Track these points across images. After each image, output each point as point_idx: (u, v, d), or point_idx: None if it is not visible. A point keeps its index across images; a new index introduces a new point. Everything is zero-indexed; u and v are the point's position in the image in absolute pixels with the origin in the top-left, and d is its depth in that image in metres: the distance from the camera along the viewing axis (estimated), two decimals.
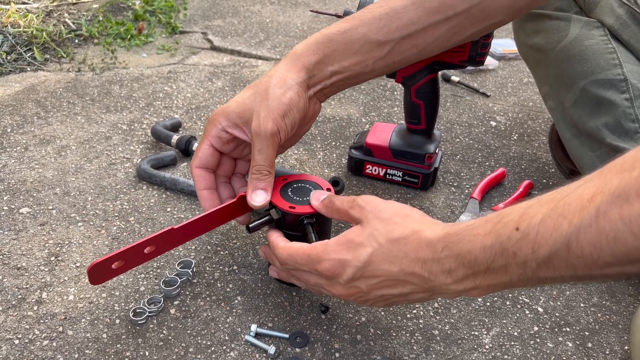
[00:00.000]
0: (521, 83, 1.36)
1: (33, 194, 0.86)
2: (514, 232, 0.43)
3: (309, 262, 0.58)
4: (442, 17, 0.65)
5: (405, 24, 0.65)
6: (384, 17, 0.65)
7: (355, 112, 1.17)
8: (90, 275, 0.59)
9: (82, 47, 1.36)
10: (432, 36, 0.66)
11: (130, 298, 0.69)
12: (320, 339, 0.66)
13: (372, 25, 0.65)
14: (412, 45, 0.67)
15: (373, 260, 0.53)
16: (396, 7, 0.65)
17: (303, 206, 0.65)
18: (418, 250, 0.51)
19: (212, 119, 0.66)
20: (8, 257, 0.74)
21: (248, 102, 0.64)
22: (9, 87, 1.15)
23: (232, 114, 0.65)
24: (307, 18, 1.65)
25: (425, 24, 0.65)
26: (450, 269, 0.49)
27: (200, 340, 0.65)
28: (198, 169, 0.68)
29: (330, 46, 0.65)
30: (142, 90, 1.18)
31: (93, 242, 0.78)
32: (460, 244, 0.48)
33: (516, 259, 0.44)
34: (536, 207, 0.43)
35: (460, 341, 0.68)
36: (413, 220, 0.54)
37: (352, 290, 0.56)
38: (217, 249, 0.78)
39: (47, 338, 0.64)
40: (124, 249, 0.60)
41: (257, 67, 1.33)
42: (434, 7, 0.65)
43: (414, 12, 0.65)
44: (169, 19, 1.53)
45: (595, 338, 0.70)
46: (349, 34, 0.65)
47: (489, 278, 0.47)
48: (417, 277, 0.52)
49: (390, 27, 0.65)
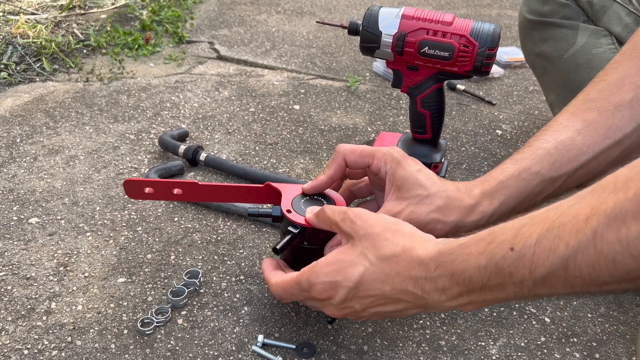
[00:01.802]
0: (527, 91, 1.36)
1: (42, 204, 0.86)
2: (509, 252, 0.43)
3: (302, 291, 0.58)
4: (612, 141, 0.62)
5: (575, 155, 0.62)
6: (554, 151, 0.63)
7: (361, 121, 1.17)
8: (125, 188, 0.67)
9: (90, 57, 1.38)
10: (603, 162, 0.63)
11: (138, 308, 0.70)
12: (327, 349, 0.66)
13: (545, 161, 0.63)
14: (583, 174, 0.64)
15: (365, 279, 0.53)
16: (563, 139, 0.63)
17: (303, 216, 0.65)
18: (410, 269, 0.51)
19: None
20: (17, 267, 0.75)
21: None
22: (18, 98, 1.16)
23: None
24: (312, 27, 1.66)
25: (596, 151, 0.62)
26: (445, 287, 0.49)
27: (207, 351, 0.65)
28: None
29: (505, 193, 0.63)
30: (150, 100, 1.19)
31: (101, 252, 0.78)
32: (454, 263, 0.48)
33: (513, 279, 0.44)
34: (530, 227, 0.43)
35: (467, 352, 0.68)
36: (403, 236, 0.53)
37: (346, 310, 0.56)
38: (224, 258, 0.79)
39: (56, 348, 0.64)
40: (156, 180, 0.68)
41: (263, 76, 1.34)
42: (601, 133, 0.62)
43: (582, 141, 0.62)
44: (176, 29, 1.54)
45: (602, 349, 0.70)
46: (522, 176, 0.63)
47: (484, 295, 0.47)
48: (410, 295, 0.52)
49: (562, 160, 0.62)
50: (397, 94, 1.29)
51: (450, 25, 0.80)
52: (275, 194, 0.69)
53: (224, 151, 1.03)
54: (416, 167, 0.65)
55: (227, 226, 0.85)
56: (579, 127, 0.63)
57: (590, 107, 0.64)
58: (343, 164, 0.67)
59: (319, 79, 1.35)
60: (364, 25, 0.84)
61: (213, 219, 0.86)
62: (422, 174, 0.64)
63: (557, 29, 0.88)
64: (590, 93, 0.66)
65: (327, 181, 0.68)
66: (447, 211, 0.62)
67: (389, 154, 0.65)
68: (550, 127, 0.65)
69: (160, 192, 0.69)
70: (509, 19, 1.85)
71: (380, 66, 1.38)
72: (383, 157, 0.65)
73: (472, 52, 0.80)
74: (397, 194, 0.64)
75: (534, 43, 0.94)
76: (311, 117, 1.17)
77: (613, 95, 0.63)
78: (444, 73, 0.84)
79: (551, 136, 0.64)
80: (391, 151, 0.66)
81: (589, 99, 0.65)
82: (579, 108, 0.65)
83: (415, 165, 0.65)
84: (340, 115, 1.19)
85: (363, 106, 1.23)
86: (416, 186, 0.63)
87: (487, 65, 0.80)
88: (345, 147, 0.67)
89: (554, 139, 0.63)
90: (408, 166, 0.64)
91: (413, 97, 0.88)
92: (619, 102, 0.62)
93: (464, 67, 0.82)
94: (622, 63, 0.64)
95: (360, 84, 1.33)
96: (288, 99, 1.24)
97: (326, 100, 1.24)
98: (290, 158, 1.03)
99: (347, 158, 0.67)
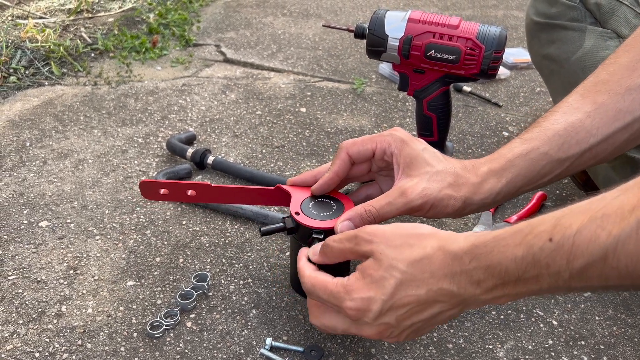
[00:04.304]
0: (533, 93, 1.36)
1: (52, 208, 0.87)
2: (547, 242, 0.43)
3: (331, 299, 0.56)
4: (621, 124, 0.62)
5: (584, 137, 0.63)
6: (563, 132, 0.63)
7: (367, 123, 1.17)
8: (141, 188, 0.70)
9: (98, 60, 1.39)
10: (612, 145, 0.64)
11: (147, 311, 0.71)
12: (335, 352, 0.67)
13: (553, 142, 0.63)
14: (591, 157, 0.64)
15: (398, 290, 0.51)
16: (573, 121, 0.63)
17: (317, 221, 0.65)
18: (444, 267, 0.50)
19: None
20: (28, 270, 0.76)
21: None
22: (27, 102, 1.17)
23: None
24: (318, 30, 1.67)
25: (605, 134, 0.63)
26: (480, 280, 0.48)
27: (216, 354, 0.66)
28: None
29: (513, 172, 0.63)
30: (157, 104, 1.20)
31: (110, 255, 0.79)
32: (490, 256, 0.47)
33: (549, 270, 0.43)
34: (570, 218, 0.42)
35: (474, 355, 0.68)
36: (427, 237, 0.53)
37: (381, 327, 0.54)
38: (232, 262, 0.79)
39: (66, 351, 0.65)
40: (171, 181, 0.70)
41: (270, 79, 1.35)
42: (610, 116, 0.62)
43: (591, 124, 0.62)
44: (182, 32, 1.55)
45: (610, 352, 0.69)
46: (531, 156, 0.63)
47: (519, 287, 0.46)
48: (445, 294, 0.50)
49: (570, 142, 0.63)
50: (403, 96, 1.29)
51: (457, 28, 0.81)
52: (286, 196, 0.70)
53: (231, 154, 1.04)
54: (421, 145, 0.65)
55: (235, 229, 0.85)
56: (589, 109, 0.63)
57: (600, 89, 0.64)
58: (347, 159, 0.67)
59: (325, 82, 1.35)
60: (370, 29, 0.84)
61: (221, 222, 0.87)
62: (427, 152, 0.65)
63: (565, 31, 0.88)
64: (601, 75, 0.66)
65: (334, 177, 0.68)
66: (457, 187, 0.63)
67: (391, 135, 0.66)
68: (560, 108, 0.65)
69: (175, 194, 0.71)
70: (515, 19, 1.85)
71: (387, 68, 1.39)
72: (386, 139, 0.66)
73: (479, 55, 0.80)
74: (407, 171, 0.64)
75: (541, 45, 0.94)
76: (317, 119, 1.17)
77: (624, 79, 0.63)
78: (451, 76, 0.85)
79: (561, 117, 0.64)
80: (394, 132, 0.66)
81: (599, 81, 0.65)
82: (589, 90, 0.65)
83: (420, 143, 0.65)
84: (347, 117, 1.19)
85: (369, 108, 1.23)
86: (423, 164, 0.63)
87: (493, 68, 0.81)
88: (347, 141, 0.67)
89: (563, 120, 0.63)
90: (413, 144, 0.65)
91: (419, 100, 0.88)
92: (630, 86, 0.62)
93: (470, 70, 0.82)
94: (634, 46, 0.64)
95: (367, 86, 1.33)
96: (294, 101, 1.24)
97: (332, 103, 1.25)
98: (297, 161, 1.03)
99: (350, 151, 0.67)
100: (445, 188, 0.62)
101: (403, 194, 0.62)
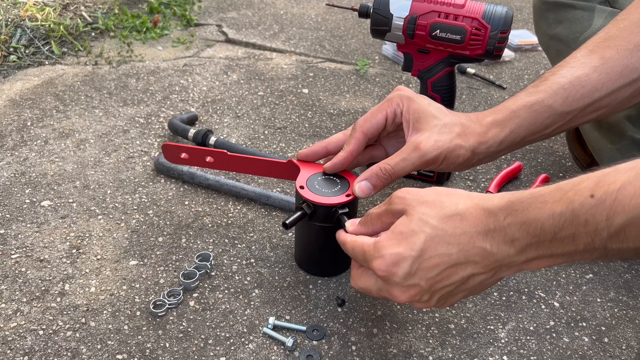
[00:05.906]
0: (538, 75, 1.35)
1: (54, 187, 0.87)
2: (588, 198, 0.41)
3: (364, 259, 0.55)
4: (626, 80, 0.64)
5: (589, 91, 0.64)
6: (568, 86, 0.64)
7: (370, 104, 1.16)
8: (164, 151, 0.75)
9: (98, 40, 1.37)
10: (615, 100, 0.65)
11: (150, 290, 0.71)
12: (337, 332, 0.67)
13: (558, 95, 0.64)
14: (593, 110, 0.66)
15: (428, 246, 0.50)
16: (579, 75, 0.64)
17: (333, 197, 0.66)
18: (477, 223, 0.48)
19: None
20: (31, 249, 0.76)
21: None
22: (28, 81, 1.16)
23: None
24: (321, 9, 1.65)
25: (610, 89, 0.64)
26: (514, 238, 0.47)
27: (219, 333, 0.66)
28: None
29: (516, 122, 0.65)
30: (159, 84, 1.19)
31: (113, 234, 0.79)
32: (526, 212, 0.45)
33: (587, 228, 0.42)
34: (614, 175, 0.41)
35: (476, 335, 0.68)
36: (461, 196, 0.51)
37: (412, 290, 0.52)
38: (235, 242, 0.79)
39: (70, 329, 0.65)
40: (191, 146, 0.75)
41: (272, 59, 1.33)
42: (617, 71, 0.63)
43: (597, 79, 0.64)
44: (183, 12, 1.53)
45: (611, 333, 0.70)
46: (535, 108, 0.64)
47: (554, 247, 0.45)
48: (478, 253, 0.49)
49: (575, 96, 0.64)
50: (407, 77, 1.28)
51: (462, 8, 0.79)
52: (296, 170, 0.71)
53: (233, 135, 1.03)
54: (426, 100, 0.67)
55: (237, 210, 0.85)
56: (596, 64, 0.64)
57: (609, 45, 0.65)
58: (362, 138, 0.68)
59: (327, 62, 1.34)
60: (374, 7, 0.83)
61: (223, 202, 0.86)
62: (433, 106, 0.67)
63: (573, 10, 0.87)
64: (611, 31, 0.66)
65: (348, 157, 0.68)
66: (465, 137, 0.65)
67: (397, 95, 0.68)
68: (568, 63, 0.66)
69: (194, 158, 0.75)
70: (521, 1, 1.83)
71: (390, 49, 1.37)
72: (393, 100, 0.67)
73: (484, 36, 0.79)
74: (416, 126, 0.65)
75: (548, 25, 0.92)
76: (320, 100, 1.17)
77: (633, 35, 0.64)
78: (455, 56, 0.84)
79: (567, 71, 0.65)
80: (399, 93, 0.68)
81: (609, 37, 0.66)
82: (598, 45, 0.66)
83: (425, 99, 0.68)
84: (349, 98, 1.18)
85: (372, 90, 1.22)
86: (431, 117, 0.65)
87: (499, 49, 0.80)
88: (360, 119, 0.68)
89: (570, 74, 0.65)
90: (419, 99, 0.67)
91: (424, 80, 0.87)
92: (639, 42, 0.63)
93: (475, 50, 0.81)
94: None
95: (370, 67, 1.32)
96: (297, 82, 1.23)
97: (335, 84, 1.24)
98: (299, 142, 1.03)
99: (364, 129, 0.67)
100: (455, 138, 0.64)
101: (416, 148, 0.63)
